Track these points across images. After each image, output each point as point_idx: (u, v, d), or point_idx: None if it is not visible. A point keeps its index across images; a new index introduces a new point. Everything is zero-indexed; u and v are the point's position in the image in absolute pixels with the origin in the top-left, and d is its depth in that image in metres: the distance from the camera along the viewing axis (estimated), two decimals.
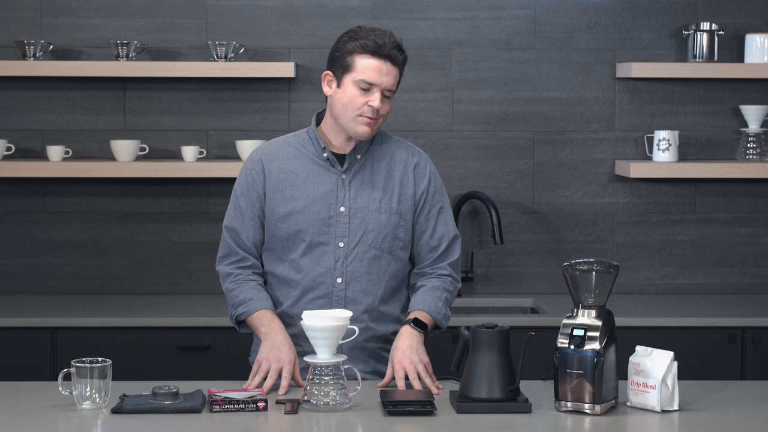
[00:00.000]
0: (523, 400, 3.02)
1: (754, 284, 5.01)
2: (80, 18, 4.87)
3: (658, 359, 3.03)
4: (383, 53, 3.29)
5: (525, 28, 4.95)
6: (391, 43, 3.30)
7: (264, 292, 3.39)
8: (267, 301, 3.37)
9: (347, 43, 3.33)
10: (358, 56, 3.30)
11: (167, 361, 4.37)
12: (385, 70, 3.30)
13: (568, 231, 4.99)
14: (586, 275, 3.02)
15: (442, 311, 3.41)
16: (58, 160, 4.76)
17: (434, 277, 3.46)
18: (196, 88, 4.90)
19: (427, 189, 3.46)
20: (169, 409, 2.98)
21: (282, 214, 3.40)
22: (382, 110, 3.33)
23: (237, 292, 3.39)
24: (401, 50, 3.33)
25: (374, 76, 3.29)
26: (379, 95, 3.30)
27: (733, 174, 4.79)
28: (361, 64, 3.30)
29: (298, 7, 4.91)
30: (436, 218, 3.46)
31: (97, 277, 4.93)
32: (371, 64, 3.29)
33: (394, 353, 3.28)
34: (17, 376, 4.21)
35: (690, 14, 4.94)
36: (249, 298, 3.37)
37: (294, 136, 3.49)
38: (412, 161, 3.46)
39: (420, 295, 3.42)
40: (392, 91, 3.33)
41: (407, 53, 3.38)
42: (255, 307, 3.35)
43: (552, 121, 4.97)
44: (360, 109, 3.31)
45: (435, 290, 3.42)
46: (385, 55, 3.29)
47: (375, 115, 3.31)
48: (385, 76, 3.30)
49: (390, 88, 3.32)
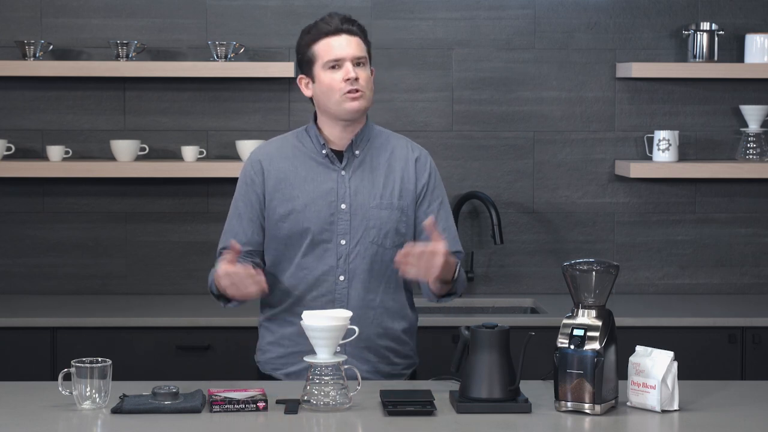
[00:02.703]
0: (523, 400, 3.02)
1: (754, 284, 5.01)
2: (80, 18, 4.87)
3: (658, 359, 3.03)
4: (335, 30, 3.36)
5: (525, 28, 4.95)
6: (338, 19, 3.38)
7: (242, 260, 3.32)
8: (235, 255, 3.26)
9: (302, 41, 3.42)
10: (315, 45, 3.37)
11: (167, 361, 4.37)
12: (344, 43, 3.35)
13: (568, 231, 4.99)
14: (586, 275, 3.02)
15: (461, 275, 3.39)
16: (58, 160, 4.76)
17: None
18: (196, 88, 4.90)
19: (428, 183, 3.46)
20: (169, 409, 2.98)
21: (283, 214, 3.40)
22: (362, 79, 3.35)
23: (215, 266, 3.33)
24: (352, 22, 3.39)
25: (336, 51, 3.35)
26: (350, 65, 3.33)
27: (733, 174, 4.79)
28: (320, 49, 3.36)
29: (298, 7, 4.91)
30: (437, 213, 3.46)
31: (97, 277, 4.93)
32: (329, 44, 3.35)
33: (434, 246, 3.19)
34: (17, 376, 4.21)
35: (690, 14, 4.94)
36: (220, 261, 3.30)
37: (293, 135, 3.50)
38: (412, 156, 3.47)
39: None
40: (363, 58, 3.36)
41: (407, 52, 3.39)
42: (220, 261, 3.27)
43: (552, 121, 4.97)
44: (340, 88, 3.34)
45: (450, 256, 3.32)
46: (337, 31, 3.36)
47: (356, 85, 3.33)
48: (347, 47, 3.35)
49: (358, 56, 3.35)
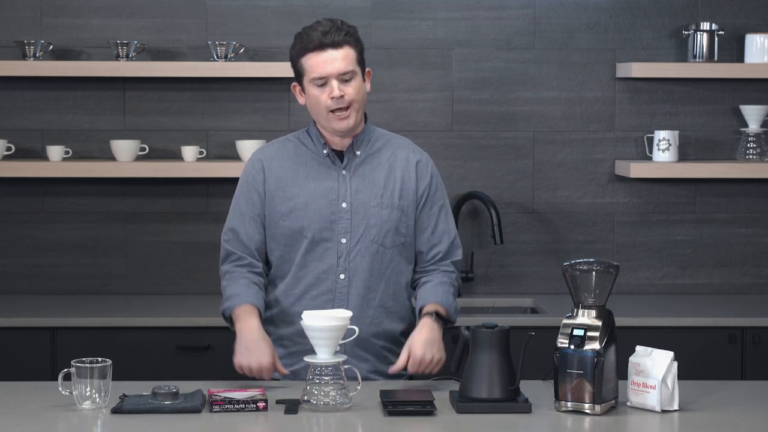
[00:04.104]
0: (523, 400, 3.02)
1: (754, 284, 5.01)
2: (80, 18, 4.87)
3: (658, 359, 3.03)
4: (319, 45, 3.29)
5: (525, 28, 4.95)
6: (322, 31, 3.30)
7: (253, 288, 3.38)
8: (253, 297, 3.35)
9: (293, 51, 3.37)
10: (303, 59, 3.33)
11: (167, 361, 4.37)
12: (329, 59, 3.29)
13: (568, 231, 4.99)
14: (586, 275, 3.02)
15: (453, 305, 3.42)
16: (58, 160, 4.76)
17: (440, 272, 3.45)
18: (196, 88, 4.90)
19: (429, 186, 3.46)
20: (169, 409, 2.98)
21: (283, 212, 3.40)
22: (348, 95, 3.31)
23: (227, 289, 3.39)
24: (338, 30, 3.30)
25: (320, 69, 3.30)
26: (335, 83, 3.29)
27: (733, 174, 4.79)
28: (307, 64, 3.32)
29: (298, 7, 4.91)
30: (437, 216, 3.46)
31: (97, 277, 4.93)
32: (314, 60, 3.30)
33: (414, 344, 3.28)
34: (17, 376, 4.21)
35: (690, 14, 4.94)
36: (236, 293, 3.36)
37: (294, 136, 3.50)
38: (413, 158, 3.47)
39: (429, 289, 3.41)
40: (350, 72, 3.31)
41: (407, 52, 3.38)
42: (238, 301, 3.34)
43: (552, 121, 4.97)
44: (327, 105, 3.31)
45: (443, 285, 3.42)
46: (321, 46, 3.29)
47: (341, 104, 3.30)
48: (331, 64, 3.29)
49: (343, 72, 3.30)
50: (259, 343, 3.27)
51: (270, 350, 3.28)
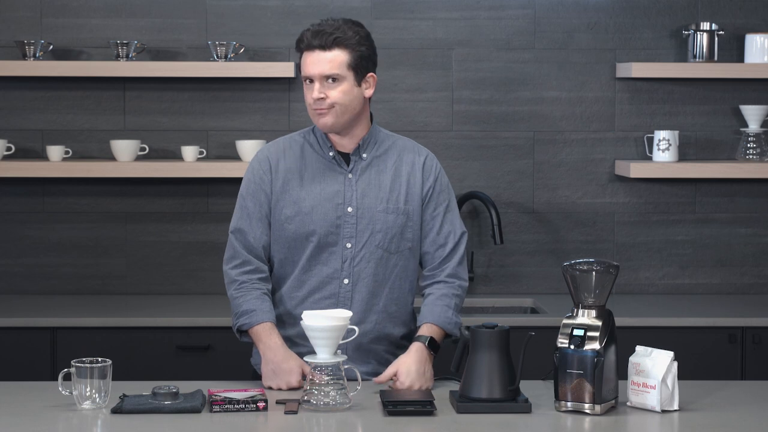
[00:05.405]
0: (523, 400, 3.02)
1: (754, 284, 5.01)
2: (80, 18, 4.87)
3: (658, 359, 3.03)
4: (308, 45, 3.33)
5: (525, 28, 4.95)
6: (313, 31, 3.33)
7: (267, 303, 3.37)
8: (269, 314, 3.35)
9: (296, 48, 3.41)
10: (301, 56, 3.37)
11: (167, 361, 4.37)
12: (315, 60, 3.32)
13: (568, 231, 4.99)
14: (586, 275, 3.02)
15: (452, 320, 3.39)
16: (58, 160, 4.76)
17: (442, 282, 3.44)
18: (196, 88, 4.90)
19: (434, 186, 3.45)
20: (169, 409, 2.98)
21: (289, 215, 3.39)
22: (331, 98, 3.32)
23: (240, 302, 3.36)
24: (328, 34, 3.32)
25: (306, 69, 3.34)
26: (316, 85, 3.31)
27: (733, 174, 4.79)
28: (302, 62, 3.37)
29: (298, 7, 4.91)
30: (443, 216, 3.45)
31: (97, 277, 4.93)
32: (304, 60, 3.35)
33: (401, 367, 3.25)
34: (17, 376, 4.21)
35: (690, 14, 4.94)
36: (251, 309, 3.34)
37: (299, 135, 3.49)
38: (419, 160, 3.46)
39: (429, 306, 3.40)
40: (334, 75, 3.32)
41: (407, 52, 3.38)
42: (256, 319, 3.33)
43: (552, 121, 4.97)
44: (310, 103, 3.35)
45: (444, 298, 3.41)
46: (310, 46, 3.33)
47: (321, 105, 3.32)
48: (316, 65, 3.32)
49: (326, 74, 3.31)
50: (284, 365, 3.26)
51: (296, 368, 3.25)
